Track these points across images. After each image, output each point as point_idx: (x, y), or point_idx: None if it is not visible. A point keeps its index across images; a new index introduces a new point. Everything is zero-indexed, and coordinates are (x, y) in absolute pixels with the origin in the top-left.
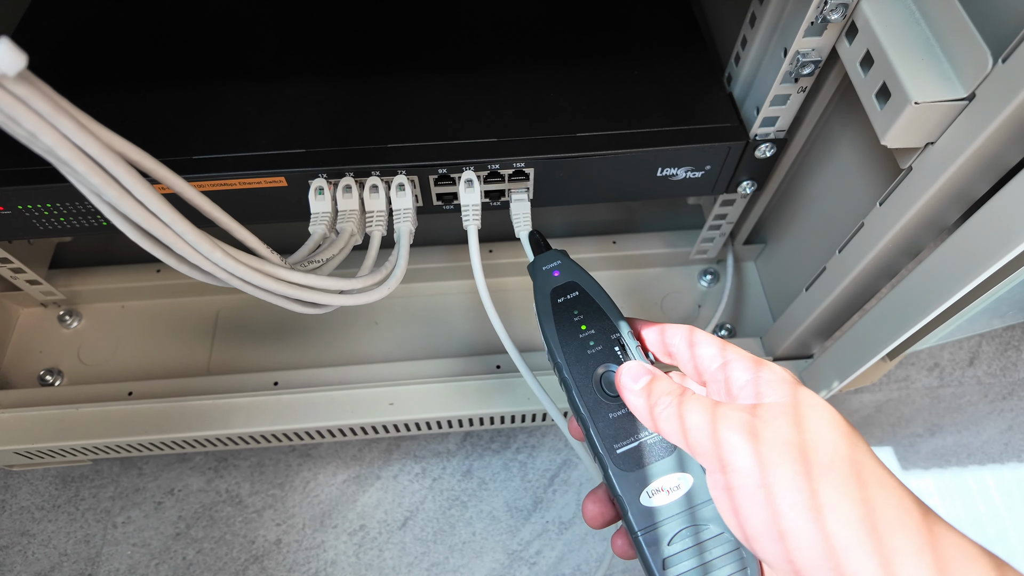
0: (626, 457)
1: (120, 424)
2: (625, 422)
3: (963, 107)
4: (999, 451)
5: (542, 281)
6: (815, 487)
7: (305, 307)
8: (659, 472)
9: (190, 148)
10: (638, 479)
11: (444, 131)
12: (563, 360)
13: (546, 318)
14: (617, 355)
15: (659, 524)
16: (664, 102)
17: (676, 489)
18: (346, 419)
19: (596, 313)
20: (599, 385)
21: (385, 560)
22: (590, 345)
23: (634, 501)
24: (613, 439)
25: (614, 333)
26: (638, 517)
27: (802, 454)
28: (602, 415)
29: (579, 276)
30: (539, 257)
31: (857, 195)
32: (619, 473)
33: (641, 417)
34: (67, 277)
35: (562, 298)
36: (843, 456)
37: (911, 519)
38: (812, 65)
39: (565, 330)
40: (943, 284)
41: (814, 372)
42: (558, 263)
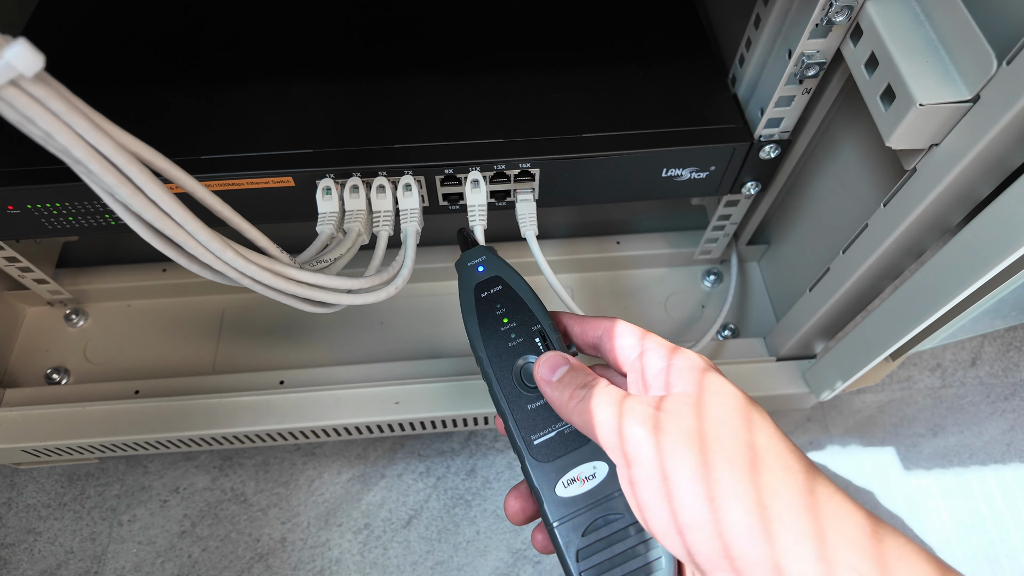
0: (543, 448)
1: (126, 422)
2: (543, 413)
3: (968, 109)
4: (1001, 451)
5: (467, 277)
6: (713, 476)
7: (314, 306)
8: (575, 462)
9: (198, 148)
10: (554, 469)
11: (451, 132)
12: (484, 354)
13: (469, 313)
14: (538, 346)
15: (574, 515)
16: (669, 103)
17: (591, 478)
18: (352, 418)
19: (519, 307)
20: (519, 377)
21: (390, 558)
22: (511, 338)
23: (550, 492)
24: (531, 430)
25: (535, 325)
26: (553, 508)
27: (700, 443)
28: (521, 407)
29: (503, 271)
30: (464, 254)
31: (861, 196)
32: (536, 464)
33: (557, 409)
34: (74, 276)
35: (485, 293)
36: (744, 441)
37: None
38: (817, 67)
39: (487, 324)
40: (947, 285)
41: (817, 372)
42: (483, 259)
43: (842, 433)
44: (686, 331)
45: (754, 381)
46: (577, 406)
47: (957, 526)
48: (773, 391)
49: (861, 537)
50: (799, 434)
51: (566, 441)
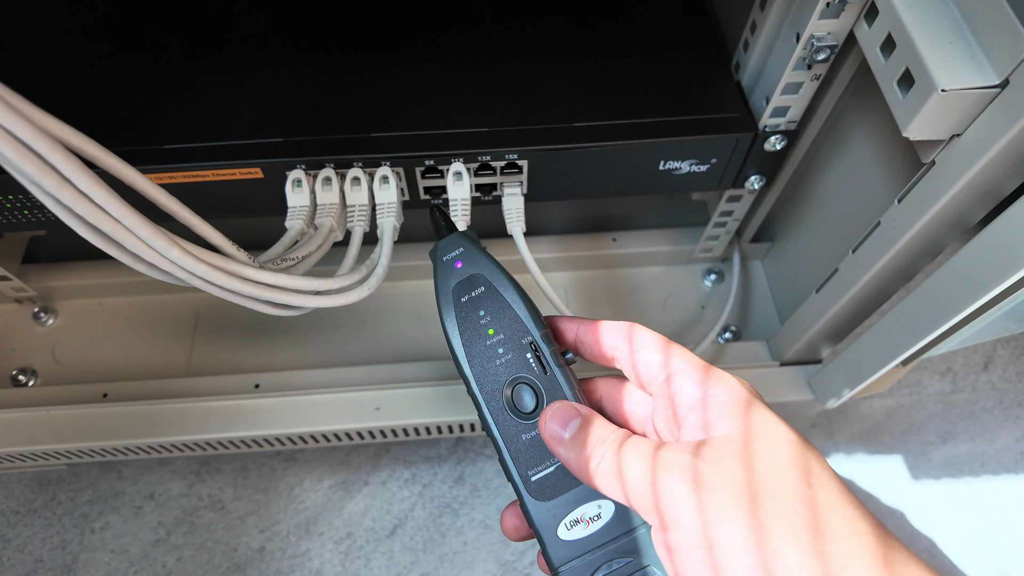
0: (542, 484)
1: (93, 428)
2: (540, 444)
3: (995, 95)
4: (1014, 460)
5: (444, 275)
6: (770, 545)
7: (276, 309)
8: (578, 500)
9: (160, 137)
10: (556, 508)
11: (432, 120)
12: (469, 372)
13: (449, 320)
14: (530, 364)
15: (579, 557)
16: (667, 91)
17: (596, 519)
18: (329, 425)
19: (505, 313)
20: (510, 402)
21: (372, 570)
22: (499, 354)
23: (551, 535)
24: (528, 464)
25: (525, 336)
26: (556, 551)
27: (752, 503)
28: (515, 436)
29: (484, 267)
30: (439, 244)
31: (873, 191)
32: (535, 504)
33: (574, 471)
34: (42, 273)
35: (466, 296)
36: (804, 499)
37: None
38: (827, 50)
39: (470, 336)
40: (965, 289)
41: (824, 378)
42: (459, 251)
43: (848, 440)
44: (685, 333)
45: (756, 387)
46: (600, 466)
47: (968, 537)
48: (776, 398)
49: None
50: None
51: (567, 476)
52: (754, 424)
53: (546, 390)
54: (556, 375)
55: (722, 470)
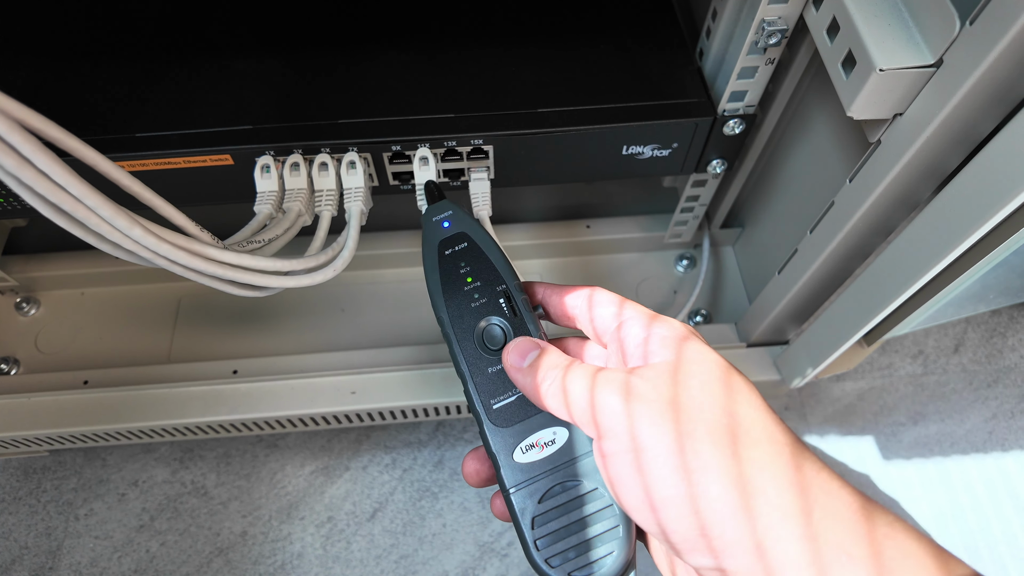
0: (502, 412)
1: (74, 413)
2: (504, 376)
3: (931, 74)
4: (983, 440)
5: (431, 232)
6: (691, 448)
7: (243, 289)
8: (534, 427)
9: (133, 125)
10: (513, 435)
11: (398, 107)
12: (445, 314)
13: (431, 270)
14: (502, 308)
15: (531, 481)
16: (630, 78)
17: (551, 444)
18: (306, 408)
19: (484, 266)
20: (480, 339)
21: (353, 552)
22: (474, 298)
23: (507, 457)
24: (490, 394)
25: (500, 285)
26: (510, 473)
27: (676, 412)
28: (481, 370)
29: (470, 227)
30: (430, 208)
31: (831, 174)
32: (493, 429)
33: (529, 394)
34: (24, 263)
35: (450, 250)
36: (725, 411)
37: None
38: (779, 34)
39: (450, 283)
40: (914, 264)
41: (789, 358)
42: (448, 213)
43: (821, 422)
44: None
45: None
46: (549, 388)
47: (937, 516)
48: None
49: (850, 515)
50: None
51: (526, 406)
52: (687, 350)
53: (515, 330)
54: (524, 319)
55: (654, 385)
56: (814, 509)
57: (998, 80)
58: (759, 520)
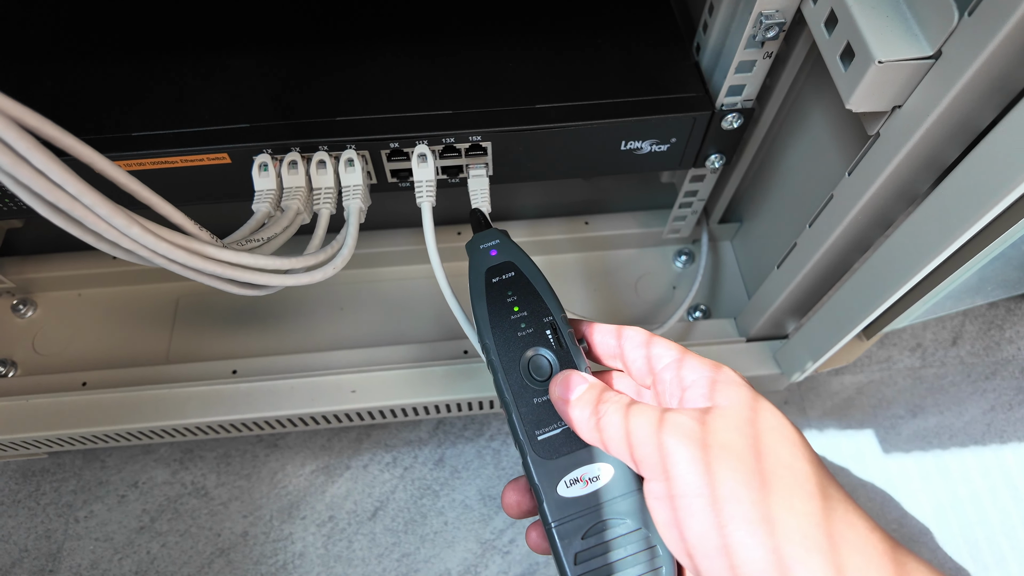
0: (547, 444)
1: (72, 415)
2: (549, 408)
3: (929, 66)
4: (981, 432)
5: (478, 260)
6: (764, 497)
7: (242, 288)
8: (579, 462)
9: (129, 125)
10: (557, 468)
11: (397, 104)
12: (491, 341)
13: (478, 297)
14: (548, 339)
15: (575, 516)
16: (628, 73)
17: (595, 480)
18: (306, 407)
19: (530, 295)
20: (526, 369)
21: (355, 551)
22: (521, 327)
23: (551, 491)
24: (535, 425)
25: (547, 316)
26: (553, 508)
27: (755, 462)
28: (526, 400)
29: (517, 257)
30: (477, 235)
31: (829, 167)
32: (538, 461)
33: (577, 427)
34: (20, 265)
35: (497, 278)
36: (800, 472)
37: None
38: (776, 28)
39: (496, 310)
40: (912, 257)
41: (788, 353)
42: (496, 242)
43: (820, 416)
44: (657, 313)
45: (723, 362)
46: (602, 421)
47: (936, 508)
48: (743, 373)
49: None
50: None
51: (571, 439)
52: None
53: (560, 362)
54: (571, 351)
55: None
56: None
57: (997, 71)
58: None
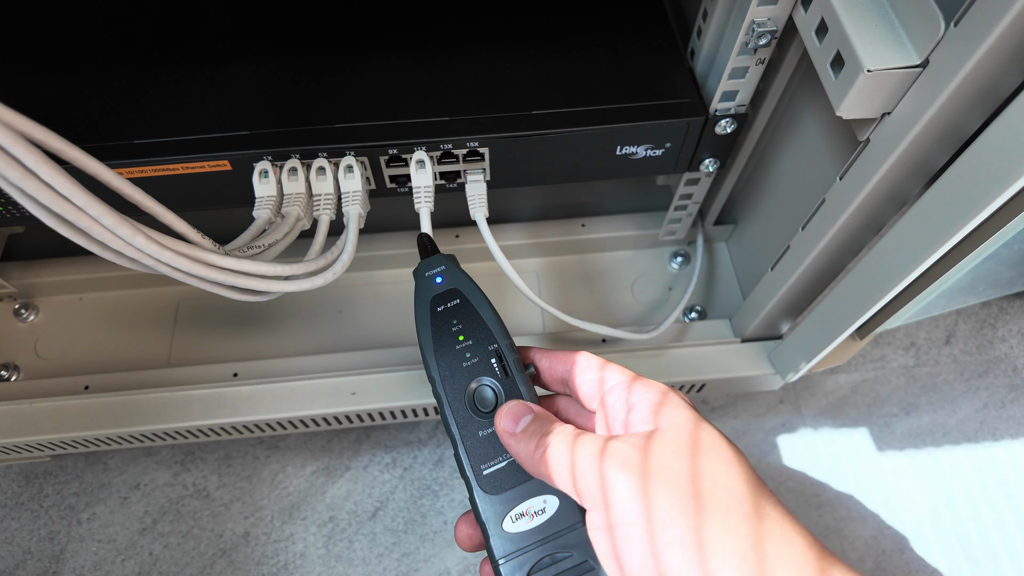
0: (493, 479)
1: (75, 419)
2: (495, 440)
3: (917, 74)
4: (974, 430)
5: (423, 288)
6: (699, 522)
7: (244, 294)
8: (525, 495)
9: (130, 133)
10: (503, 502)
11: (395, 111)
12: (436, 373)
13: (423, 327)
14: (493, 368)
15: (521, 551)
16: (623, 79)
17: (541, 513)
18: (307, 410)
19: (476, 324)
20: (471, 401)
21: (355, 551)
22: (466, 357)
23: (496, 527)
24: (481, 459)
25: (492, 344)
26: (499, 543)
27: (690, 487)
28: (471, 433)
29: (462, 283)
30: (423, 262)
31: (821, 171)
32: (484, 496)
33: (522, 461)
34: (22, 270)
35: (442, 306)
36: (737, 492)
37: (796, 555)
38: (768, 35)
39: (441, 341)
40: (905, 258)
41: (782, 353)
42: (441, 268)
43: (815, 414)
44: (653, 314)
45: (718, 363)
46: (544, 455)
47: (929, 507)
48: (737, 373)
49: None
50: (771, 416)
51: (516, 472)
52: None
53: (506, 392)
54: (516, 379)
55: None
56: None
57: (982, 80)
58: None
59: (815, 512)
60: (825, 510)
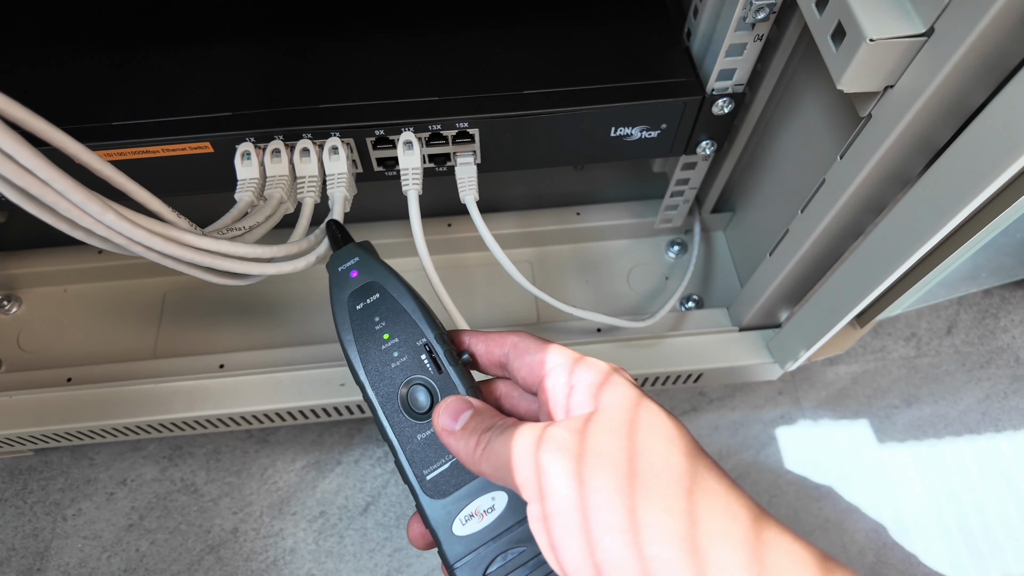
0: (437, 482)
1: (58, 411)
2: (435, 443)
3: (922, 44)
4: (976, 421)
5: (339, 284)
6: (635, 503)
7: (223, 277)
8: (471, 494)
9: (109, 114)
10: (451, 505)
11: (382, 90)
12: (364, 378)
13: (343, 327)
14: (424, 365)
15: (473, 552)
16: (617, 59)
17: (490, 511)
18: (294, 401)
19: (400, 318)
20: (405, 403)
21: (346, 547)
22: (394, 357)
23: (446, 532)
24: (423, 464)
25: (420, 339)
26: (452, 548)
27: (627, 466)
28: (410, 438)
29: (380, 275)
30: (335, 255)
31: (821, 152)
32: (430, 502)
33: (464, 460)
34: (4, 260)
35: (361, 303)
36: (676, 468)
37: (738, 528)
38: (767, 9)
39: (365, 342)
40: (906, 240)
41: (780, 341)
42: (355, 260)
43: (814, 406)
44: (649, 303)
45: (715, 352)
46: (484, 452)
47: (931, 498)
48: (735, 362)
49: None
50: (770, 408)
51: (461, 472)
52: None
53: (440, 389)
54: (450, 373)
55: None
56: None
57: (990, 48)
58: None
59: (815, 505)
60: (825, 503)
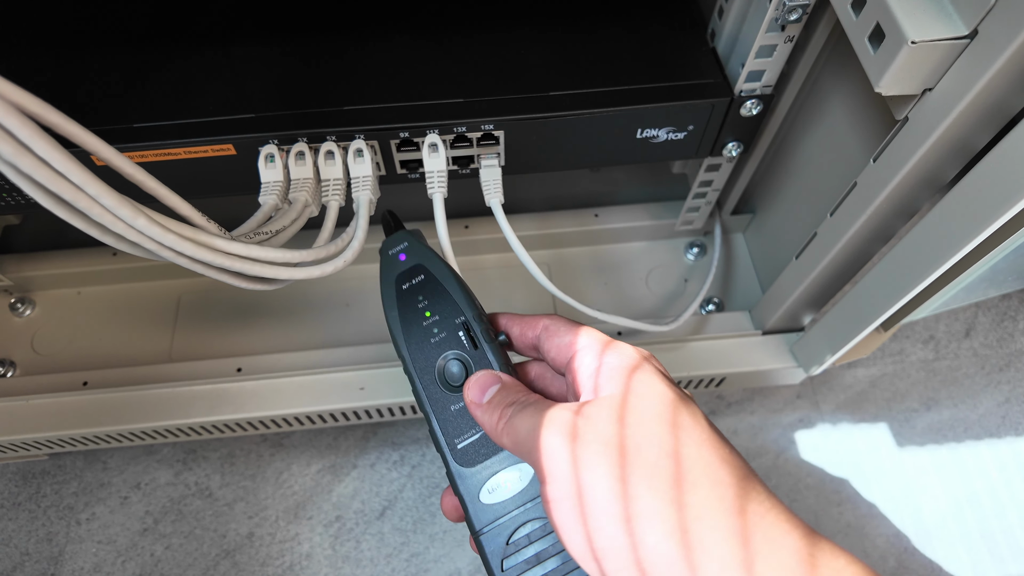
0: (467, 452)
1: (73, 415)
2: (466, 414)
3: (964, 46)
4: (996, 424)
5: (388, 267)
6: (631, 494)
7: (250, 282)
8: (499, 465)
9: (131, 116)
10: (479, 474)
11: (406, 92)
12: (406, 352)
13: (389, 305)
14: (462, 341)
15: (498, 521)
16: (643, 59)
17: (516, 482)
18: (314, 406)
19: (442, 298)
20: (441, 376)
21: (363, 551)
22: (434, 333)
23: (474, 499)
24: (455, 433)
25: (459, 317)
26: (478, 515)
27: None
28: (444, 407)
29: (426, 258)
30: (386, 240)
31: (850, 154)
32: (459, 470)
33: (488, 432)
34: (18, 262)
35: (407, 284)
36: (668, 452)
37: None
38: (800, 10)
39: (409, 319)
40: (939, 247)
41: (805, 345)
42: (404, 245)
43: (833, 410)
44: (669, 306)
45: (738, 356)
46: (506, 426)
47: (952, 503)
48: (758, 366)
49: (794, 564)
50: (788, 412)
51: (489, 443)
52: (633, 383)
53: (475, 364)
54: (485, 350)
55: (596, 426)
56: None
57: None
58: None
59: (835, 509)
60: (845, 507)
